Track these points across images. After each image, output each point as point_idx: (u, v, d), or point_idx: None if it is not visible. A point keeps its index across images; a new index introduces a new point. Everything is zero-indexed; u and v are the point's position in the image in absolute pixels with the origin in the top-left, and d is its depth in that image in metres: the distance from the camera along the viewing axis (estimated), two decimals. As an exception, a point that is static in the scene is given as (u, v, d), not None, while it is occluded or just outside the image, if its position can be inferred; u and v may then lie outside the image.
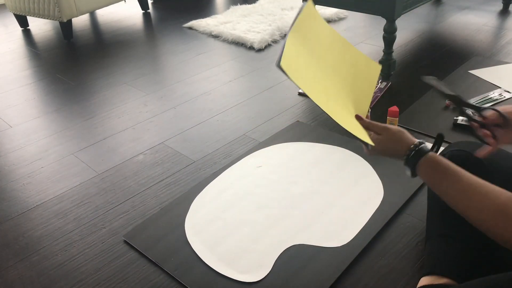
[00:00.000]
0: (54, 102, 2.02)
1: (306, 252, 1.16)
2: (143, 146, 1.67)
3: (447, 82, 1.96)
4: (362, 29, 2.70)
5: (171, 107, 1.93)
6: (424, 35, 2.53)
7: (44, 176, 1.53)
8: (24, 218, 1.35)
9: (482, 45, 2.34)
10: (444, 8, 2.93)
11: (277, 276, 1.10)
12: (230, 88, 2.07)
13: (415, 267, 1.11)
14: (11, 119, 1.90)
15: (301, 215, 1.28)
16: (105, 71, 2.30)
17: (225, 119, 1.82)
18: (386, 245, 1.17)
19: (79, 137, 1.74)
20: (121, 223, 1.31)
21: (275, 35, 2.61)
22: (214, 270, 1.12)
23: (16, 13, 2.86)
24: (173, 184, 1.46)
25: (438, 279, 0.95)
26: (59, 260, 1.19)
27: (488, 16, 2.72)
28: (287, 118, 1.79)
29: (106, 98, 2.03)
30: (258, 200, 1.34)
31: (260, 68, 2.25)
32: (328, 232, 1.21)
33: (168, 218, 1.30)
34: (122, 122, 1.84)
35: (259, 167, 1.49)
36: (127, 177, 1.50)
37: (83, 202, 1.40)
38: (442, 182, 0.78)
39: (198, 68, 2.29)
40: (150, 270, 1.14)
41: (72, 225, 1.31)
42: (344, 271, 1.10)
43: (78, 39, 2.78)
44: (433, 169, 0.80)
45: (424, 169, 0.82)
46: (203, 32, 2.78)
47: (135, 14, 3.20)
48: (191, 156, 1.59)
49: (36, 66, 2.41)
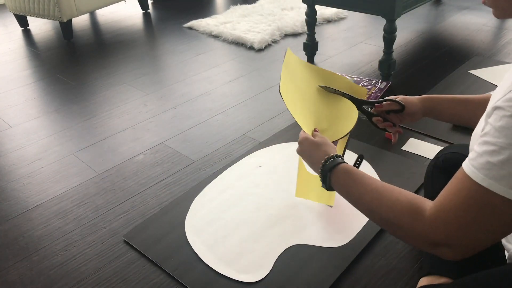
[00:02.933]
0: (54, 102, 2.02)
1: (306, 252, 1.16)
2: (143, 146, 1.67)
3: (447, 82, 1.96)
4: (362, 29, 2.70)
5: (171, 107, 1.93)
6: (424, 35, 2.53)
7: (44, 176, 1.53)
8: (24, 218, 1.35)
9: (482, 45, 2.34)
10: (444, 8, 2.93)
11: (277, 276, 1.10)
12: (230, 88, 2.07)
13: (414, 267, 1.11)
14: (11, 119, 1.90)
15: (301, 215, 1.28)
16: (105, 71, 2.30)
17: (225, 119, 1.82)
18: (386, 245, 1.17)
19: (79, 137, 1.74)
20: (121, 223, 1.31)
21: (275, 35, 2.61)
22: (214, 270, 1.12)
23: (16, 13, 2.86)
24: (173, 184, 1.46)
25: (438, 279, 0.95)
26: (59, 260, 1.20)
27: (488, 16, 2.72)
28: (287, 118, 1.79)
29: (106, 98, 2.03)
30: (258, 200, 1.34)
31: (260, 68, 2.25)
32: (328, 232, 1.21)
33: (168, 218, 1.30)
34: (122, 122, 1.84)
35: (259, 167, 1.49)
36: (127, 177, 1.51)
37: (83, 202, 1.40)
38: (356, 188, 0.82)
39: (198, 68, 2.29)
40: (150, 270, 1.15)
41: (72, 225, 1.31)
42: (344, 271, 1.10)
43: (78, 39, 2.78)
44: (346, 176, 0.85)
45: (337, 176, 0.86)
46: (203, 32, 2.78)
47: (135, 14, 3.20)
48: (191, 156, 1.59)
49: (36, 66, 2.41)
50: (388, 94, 1.91)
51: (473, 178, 0.63)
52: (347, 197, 0.85)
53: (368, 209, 0.79)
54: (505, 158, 0.60)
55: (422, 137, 1.60)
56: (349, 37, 2.59)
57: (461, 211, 0.64)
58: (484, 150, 0.63)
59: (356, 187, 0.82)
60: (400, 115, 1.09)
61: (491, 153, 0.62)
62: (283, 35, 2.66)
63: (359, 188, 0.81)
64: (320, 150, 0.93)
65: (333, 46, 2.48)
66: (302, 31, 2.69)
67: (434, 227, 0.67)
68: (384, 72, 1.99)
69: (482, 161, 0.63)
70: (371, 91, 1.89)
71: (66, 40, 2.75)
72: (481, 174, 0.62)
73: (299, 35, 2.67)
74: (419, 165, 1.45)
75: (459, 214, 0.65)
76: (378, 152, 1.53)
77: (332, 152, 0.91)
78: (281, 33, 2.66)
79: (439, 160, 1.10)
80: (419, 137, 1.60)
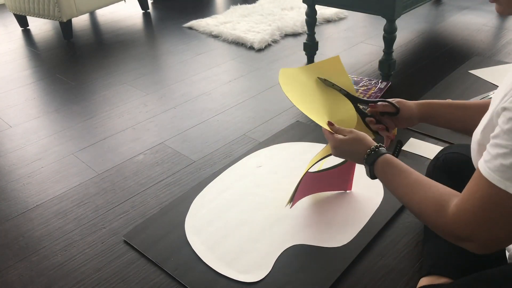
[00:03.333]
0: (54, 102, 2.02)
1: (306, 252, 1.16)
2: (143, 146, 1.67)
3: (447, 82, 1.96)
4: (362, 29, 2.70)
5: (171, 107, 1.93)
6: (424, 35, 2.53)
7: (44, 176, 1.53)
8: (24, 218, 1.35)
9: (482, 45, 2.34)
10: (444, 8, 2.93)
11: (277, 276, 1.10)
12: (230, 88, 2.07)
13: (415, 267, 1.11)
14: (11, 119, 1.90)
15: (301, 215, 1.28)
16: (105, 71, 2.30)
17: (225, 119, 1.82)
18: (386, 245, 1.17)
19: (79, 137, 1.74)
20: (121, 223, 1.31)
21: (275, 35, 2.61)
22: (214, 270, 1.12)
23: (16, 13, 2.86)
24: (173, 184, 1.46)
25: (438, 279, 0.95)
26: (59, 260, 1.20)
27: (488, 16, 2.72)
28: (287, 118, 1.79)
29: (106, 98, 2.03)
30: (258, 200, 1.34)
31: (260, 68, 2.25)
32: (328, 232, 1.21)
33: (168, 218, 1.30)
34: (122, 122, 1.84)
35: (259, 167, 1.49)
36: (127, 177, 1.51)
37: (83, 202, 1.40)
38: (394, 179, 0.86)
39: (198, 68, 2.29)
40: (150, 270, 1.14)
41: (72, 225, 1.31)
42: (344, 271, 1.10)
43: (78, 39, 2.78)
44: (388, 167, 0.88)
45: (380, 167, 0.89)
46: (203, 32, 2.78)
47: (135, 14, 3.20)
48: (191, 156, 1.59)
49: (36, 66, 2.41)
50: (388, 94, 1.91)
51: (489, 180, 0.66)
52: (387, 186, 0.88)
53: (402, 201, 0.83)
54: None
55: (422, 137, 1.60)
56: (349, 37, 2.59)
57: (479, 211, 0.67)
58: (497, 153, 0.65)
59: (393, 180, 0.86)
60: (395, 118, 1.07)
61: (503, 156, 0.64)
62: (283, 35, 2.66)
63: (395, 182, 0.85)
64: (361, 144, 0.95)
65: (333, 46, 2.48)
66: (302, 31, 2.69)
67: (456, 224, 0.70)
68: (384, 72, 1.99)
69: (496, 163, 0.65)
70: (371, 91, 1.89)
71: (66, 40, 2.75)
72: (497, 176, 0.65)
73: (299, 35, 2.67)
74: (419, 165, 1.45)
75: (478, 213, 0.67)
76: (378, 152, 1.53)
77: (372, 144, 0.93)
78: (281, 33, 2.66)
79: (439, 160, 1.10)
80: (419, 137, 1.60)
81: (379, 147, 0.92)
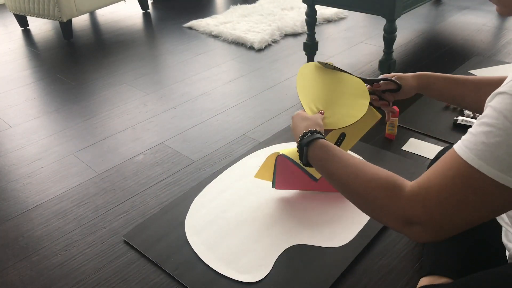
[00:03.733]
0: (54, 102, 2.02)
1: (306, 252, 1.16)
2: (143, 146, 1.67)
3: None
4: (362, 29, 2.70)
5: (171, 107, 1.93)
6: (424, 35, 2.53)
7: (44, 176, 1.53)
8: (24, 218, 1.35)
9: (482, 45, 2.34)
10: (444, 8, 2.93)
11: (277, 276, 1.10)
12: (230, 88, 2.07)
13: (415, 267, 1.11)
14: (11, 119, 1.90)
15: (301, 215, 1.28)
16: (105, 71, 2.30)
17: (225, 119, 1.82)
18: (386, 245, 1.17)
19: (79, 137, 1.74)
20: (121, 223, 1.31)
21: (275, 35, 2.61)
22: (214, 270, 1.12)
23: (16, 13, 2.86)
24: (173, 184, 1.46)
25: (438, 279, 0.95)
26: (59, 260, 1.20)
27: (488, 16, 2.72)
28: (287, 118, 1.79)
29: (106, 98, 2.03)
30: (258, 200, 1.34)
31: (260, 68, 2.25)
32: (328, 232, 1.21)
33: (168, 218, 1.30)
34: (122, 122, 1.84)
35: (259, 167, 1.49)
36: (127, 177, 1.51)
37: (83, 202, 1.40)
38: (332, 162, 0.81)
39: (198, 68, 2.29)
40: (150, 270, 1.14)
41: (72, 225, 1.31)
42: (344, 271, 1.10)
43: (78, 39, 2.78)
44: (322, 150, 0.85)
45: (314, 150, 0.87)
46: (203, 32, 2.78)
47: (135, 14, 3.20)
48: (191, 156, 1.59)
49: (36, 66, 2.41)
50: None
51: (463, 158, 0.61)
52: (322, 171, 0.84)
53: (343, 183, 0.78)
54: (500, 140, 0.58)
55: (422, 137, 1.60)
56: (349, 37, 2.59)
57: (446, 190, 0.62)
58: (480, 131, 0.60)
59: (333, 162, 0.81)
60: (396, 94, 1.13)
61: (486, 134, 0.59)
62: (283, 35, 2.66)
63: (336, 163, 0.80)
64: (303, 124, 0.95)
65: (333, 46, 2.48)
66: (302, 31, 2.69)
67: (412, 202, 0.65)
68: (384, 72, 1.99)
69: (476, 141, 0.60)
70: (371, 91, 1.89)
71: (66, 40, 2.75)
72: (473, 154, 0.60)
73: (299, 35, 2.67)
74: (419, 165, 1.45)
75: (443, 192, 0.63)
76: (378, 152, 1.53)
77: (313, 128, 0.92)
78: (281, 33, 2.66)
79: None
80: (419, 137, 1.60)
81: (317, 132, 0.90)
